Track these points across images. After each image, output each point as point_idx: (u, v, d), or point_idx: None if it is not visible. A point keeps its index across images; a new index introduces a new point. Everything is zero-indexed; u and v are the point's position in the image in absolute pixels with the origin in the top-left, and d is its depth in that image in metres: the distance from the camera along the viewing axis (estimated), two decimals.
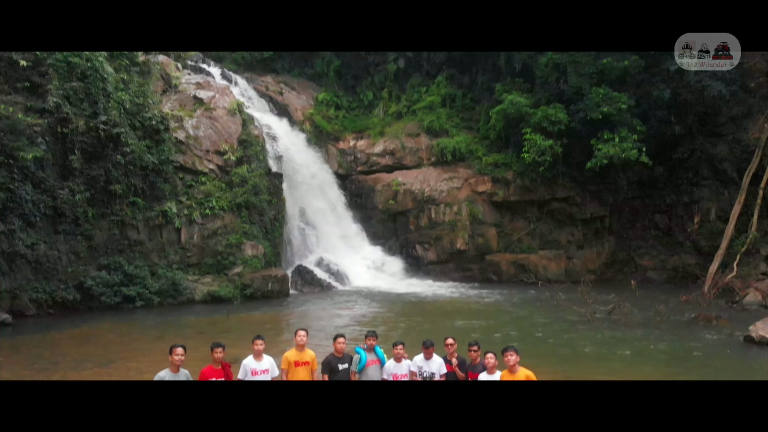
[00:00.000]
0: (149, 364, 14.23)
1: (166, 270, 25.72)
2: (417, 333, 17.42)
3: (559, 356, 15.18)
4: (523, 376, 7.04)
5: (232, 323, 20.74)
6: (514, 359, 7.09)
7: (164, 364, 14.44)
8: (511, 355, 7.09)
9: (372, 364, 8.37)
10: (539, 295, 25.12)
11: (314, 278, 29.44)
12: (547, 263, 32.69)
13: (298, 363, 8.08)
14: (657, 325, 19.32)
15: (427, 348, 8.22)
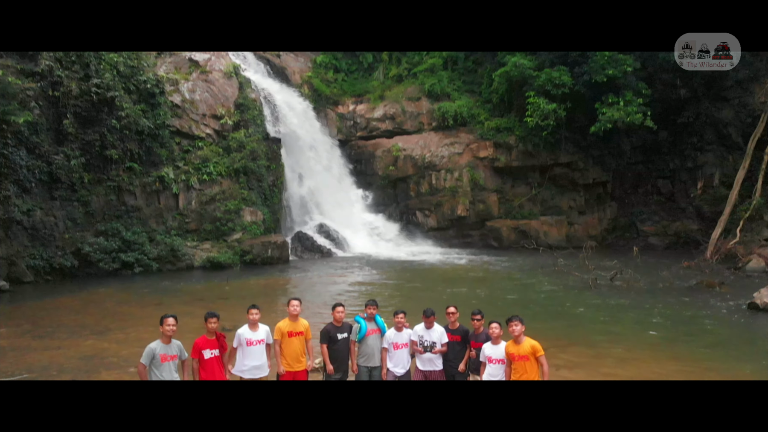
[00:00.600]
0: (147, 331, 14.07)
1: (165, 236, 25.51)
2: (417, 301, 17.23)
3: (561, 324, 15.02)
4: (528, 346, 6.85)
5: (231, 289, 20.60)
6: (519, 329, 6.87)
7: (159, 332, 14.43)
8: (516, 325, 6.87)
9: (372, 334, 8.15)
10: (540, 261, 24.97)
11: (314, 244, 29.24)
12: (548, 229, 32.44)
13: (292, 333, 7.82)
14: (660, 291, 19.17)
15: (428, 317, 8.00)
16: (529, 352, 6.82)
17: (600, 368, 11.13)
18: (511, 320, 6.92)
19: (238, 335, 7.65)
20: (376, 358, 8.14)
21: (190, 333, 13.73)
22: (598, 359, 11.77)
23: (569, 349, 12.12)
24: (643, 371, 10.94)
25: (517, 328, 6.82)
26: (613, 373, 10.79)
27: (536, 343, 6.87)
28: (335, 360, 7.96)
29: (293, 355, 7.78)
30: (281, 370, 7.72)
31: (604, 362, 11.58)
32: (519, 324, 6.87)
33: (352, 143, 35.33)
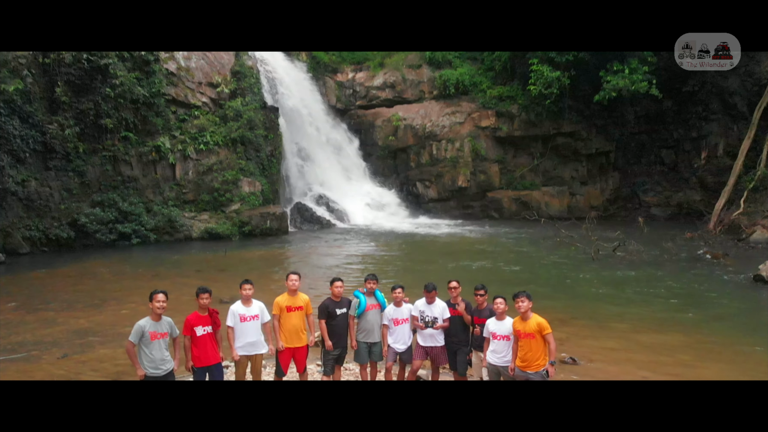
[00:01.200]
0: (143, 303, 13.75)
1: (162, 207, 25.22)
2: (418, 274, 16.99)
3: (564, 296, 14.79)
4: (535, 324, 6.57)
5: (229, 261, 20.36)
6: (526, 305, 6.57)
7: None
8: (522, 302, 6.58)
9: (372, 309, 7.86)
10: (542, 232, 24.69)
11: (313, 216, 28.94)
12: (550, 200, 32.13)
13: (291, 308, 7.50)
14: (663, 262, 18.91)
15: (429, 292, 7.68)
16: (535, 329, 6.55)
17: (605, 342, 10.93)
18: (517, 296, 6.63)
19: (232, 311, 7.29)
20: (376, 334, 7.89)
21: (186, 306, 13.52)
22: (602, 333, 11.55)
23: (573, 323, 11.89)
24: (648, 346, 10.72)
25: (523, 304, 6.54)
26: (618, 348, 10.58)
27: (543, 321, 6.59)
28: (334, 335, 7.70)
29: (293, 331, 7.51)
30: (280, 345, 7.46)
31: (609, 335, 11.37)
32: (526, 300, 6.58)
33: (351, 113, 34.74)
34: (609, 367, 9.52)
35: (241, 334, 7.25)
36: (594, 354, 10.13)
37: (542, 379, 6.45)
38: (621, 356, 10.09)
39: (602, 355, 10.13)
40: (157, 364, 6.43)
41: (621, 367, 9.50)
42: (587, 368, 9.44)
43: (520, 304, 6.56)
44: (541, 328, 6.51)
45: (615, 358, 9.97)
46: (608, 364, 9.67)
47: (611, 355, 10.16)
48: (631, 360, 9.90)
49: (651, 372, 9.26)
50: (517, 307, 6.60)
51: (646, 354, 10.22)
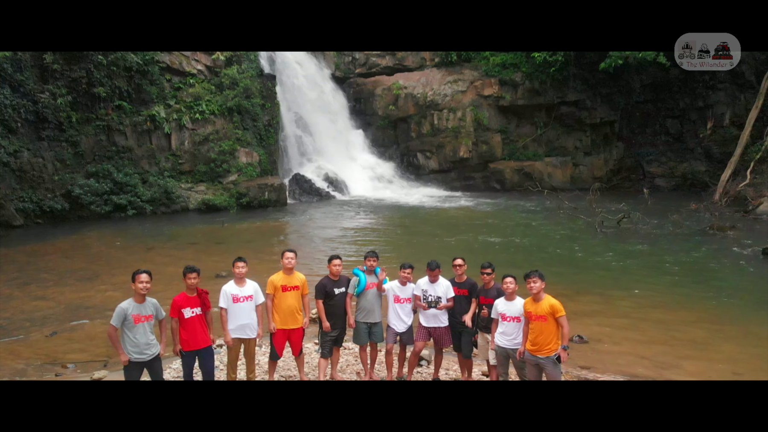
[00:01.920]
0: None
1: (158, 177, 24.77)
2: (419, 249, 16.61)
3: (569, 270, 14.41)
4: (548, 305, 6.15)
5: (227, 233, 19.99)
6: (538, 286, 6.07)
7: (155, 277, 13.77)
8: (534, 282, 6.06)
9: (372, 288, 7.44)
10: (545, 204, 24.26)
11: (312, 187, 28.46)
12: (553, 170, 31.62)
13: (286, 288, 7.03)
14: (669, 235, 18.52)
15: (432, 270, 7.26)
16: (547, 311, 6.13)
17: (613, 318, 10.58)
18: (529, 276, 6.20)
19: (224, 292, 6.83)
20: (376, 314, 7.49)
21: (180, 282, 13.18)
22: (610, 309, 11.18)
23: (578, 299, 11.53)
24: (658, 323, 10.38)
25: (535, 285, 6.12)
26: (627, 325, 10.23)
27: (557, 303, 6.17)
28: (332, 316, 7.28)
29: (288, 311, 7.05)
30: (272, 327, 7.05)
31: (617, 311, 11.00)
32: (538, 280, 6.14)
33: (350, 81, 33.95)
34: (618, 346, 9.18)
35: (234, 315, 6.81)
36: (602, 331, 9.80)
37: (553, 364, 6.07)
38: (630, 334, 9.74)
39: (611, 332, 9.79)
40: (141, 349, 5.99)
41: (630, 347, 9.17)
42: (596, 347, 9.11)
43: (532, 285, 6.14)
44: (554, 310, 6.10)
45: (624, 336, 9.63)
46: (617, 343, 9.33)
47: (620, 332, 9.81)
48: (640, 338, 9.56)
49: (662, 351, 8.94)
50: (528, 287, 6.18)
51: (655, 331, 9.88)
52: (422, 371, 7.98)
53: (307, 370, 7.74)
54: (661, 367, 8.36)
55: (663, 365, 8.41)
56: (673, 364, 8.47)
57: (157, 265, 14.72)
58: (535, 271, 6.23)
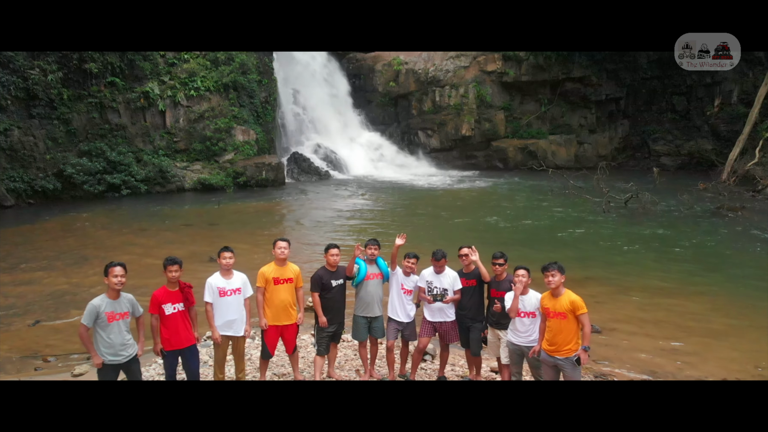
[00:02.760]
0: (128, 264, 12.90)
1: (152, 156, 24.15)
2: (421, 231, 15.98)
3: (575, 254, 13.85)
4: (567, 301, 5.53)
5: (222, 214, 19.42)
6: (557, 280, 5.46)
7: (142, 262, 13.36)
8: (553, 275, 5.46)
9: (372, 279, 6.80)
10: (549, 183, 23.65)
11: (311, 166, 27.83)
12: (557, 149, 30.97)
13: (279, 280, 6.41)
14: (679, 216, 17.96)
15: (438, 260, 6.62)
16: (567, 308, 5.52)
17: (626, 306, 10.03)
18: (548, 268, 5.52)
19: (210, 285, 6.18)
20: (376, 307, 6.85)
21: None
22: (622, 296, 10.58)
23: (588, 285, 10.97)
24: (673, 311, 9.86)
25: (554, 279, 5.51)
26: (641, 313, 9.72)
27: (578, 299, 5.55)
28: (329, 310, 6.67)
29: (280, 306, 6.42)
30: (263, 323, 6.46)
31: (630, 299, 10.44)
32: (557, 273, 5.48)
33: (349, 56, 33.06)
34: (633, 337, 8.64)
35: (221, 311, 6.19)
36: (615, 320, 9.27)
37: (573, 366, 5.52)
38: (645, 324, 9.21)
39: (625, 321, 9.26)
40: (116, 350, 5.41)
41: (646, 338, 8.65)
42: (611, 338, 8.58)
43: (551, 279, 5.53)
44: (575, 307, 5.50)
45: (638, 326, 9.11)
46: (632, 333, 8.80)
47: (634, 322, 9.28)
48: (656, 328, 9.05)
49: (679, 343, 8.44)
50: (546, 281, 5.59)
51: (671, 321, 9.37)
52: (426, 367, 7.47)
53: (302, 367, 7.20)
54: (680, 359, 7.87)
55: (682, 358, 7.91)
56: (692, 356, 7.97)
57: (148, 248, 14.22)
58: (553, 264, 5.62)
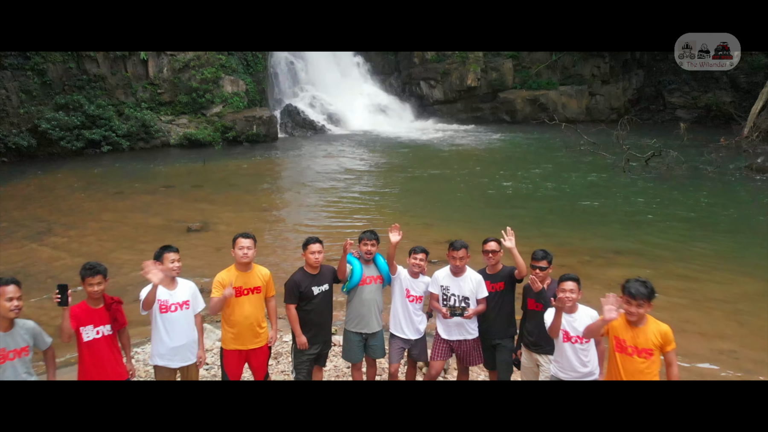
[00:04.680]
0: (93, 232, 11.60)
1: (135, 110, 22.53)
2: (423, 199, 14.34)
3: (602, 226, 12.29)
4: (657, 334, 3.81)
5: (208, 174, 17.92)
6: (643, 312, 3.76)
7: (113, 232, 11.93)
8: (639, 305, 3.74)
9: (370, 283, 5.18)
10: (561, 138, 22.00)
11: (305, 120, 26.13)
12: (567, 101, 29.26)
13: (242, 290, 4.80)
14: (707, 178, 16.41)
15: (457, 246, 5.00)
16: (656, 342, 3.82)
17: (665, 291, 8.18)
18: (632, 292, 3.77)
19: (143, 298, 4.45)
20: (374, 321, 5.22)
21: (150, 235, 11.34)
22: (660, 278, 8.66)
23: (620, 261, 9.56)
24: (717, 295, 8.44)
25: (640, 309, 3.76)
26: (685, 302, 8.19)
27: (667, 329, 3.87)
28: (311, 326, 5.04)
29: (245, 325, 4.83)
30: (224, 347, 4.93)
31: (669, 281, 8.79)
32: (644, 303, 3.77)
33: None
34: (684, 333, 6.95)
35: (161, 333, 4.61)
36: (658, 307, 7.73)
37: None
38: (691, 312, 7.75)
39: (669, 309, 7.74)
40: None
41: (697, 333, 7.19)
42: None
43: (636, 309, 3.78)
44: (666, 341, 3.85)
45: (685, 316, 7.64)
46: (682, 328, 7.08)
47: (680, 311, 7.77)
48: (705, 318, 7.61)
49: (737, 338, 7.09)
50: (628, 313, 3.84)
51: (721, 308, 7.95)
52: None
53: None
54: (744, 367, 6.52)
55: (746, 365, 6.55)
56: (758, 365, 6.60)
57: (121, 215, 12.86)
58: (639, 281, 3.83)
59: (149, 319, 4.66)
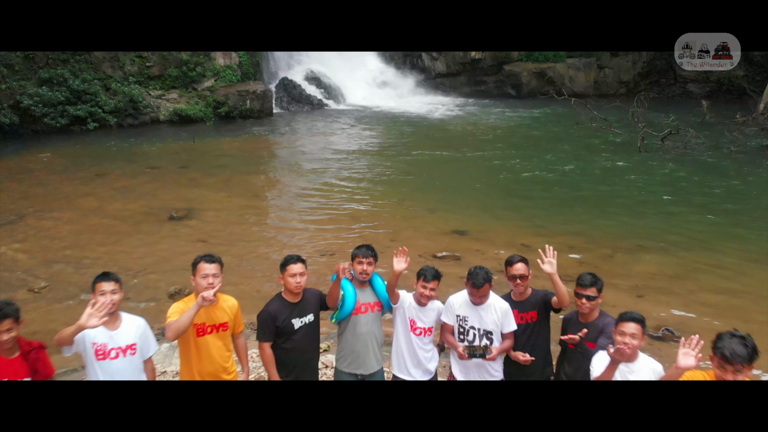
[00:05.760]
0: (65, 223, 10.67)
1: (122, 84, 21.46)
2: (426, 185, 13.30)
3: (617, 216, 11.28)
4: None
5: (197, 153, 16.94)
6: (737, 377, 2.84)
7: (93, 219, 11.00)
8: (735, 370, 2.83)
9: (366, 311, 4.22)
10: (570, 113, 20.91)
11: (302, 94, 25.01)
12: (575, 74, 28.12)
13: (205, 328, 3.82)
14: (731, 158, 15.40)
15: (480, 286, 3.92)
16: None
17: (701, 293, 7.43)
18: (728, 354, 2.84)
19: (80, 340, 3.50)
20: (372, 358, 4.27)
21: (129, 224, 10.43)
22: (689, 275, 7.98)
23: (644, 258, 8.64)
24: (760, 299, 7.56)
25: (737, 375, 2.83)
26: (722, 306, 7.20)
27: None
28: (291, 367, 4.12)
29: (209, 371, 3.90)
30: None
31: (702, 280, 7.90)
32: (743, 364, 2.83)
33: None
34: None
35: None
36: (694, 314, 6.87)
37: None
38: (735, 322, 6.82)
39: (707, 316, 6.90)
40: None
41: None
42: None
43: (732, 377, 2.83)
44: None
45: (727, 326, 6.70)
46: None
47: (721, 319, 6.81)
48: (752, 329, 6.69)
49: None
50: (719, 373, 2.91)
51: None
52: None
53: None
54: None
55: None
56: None
57: (100, 201, 11.97)
58: (737, 342, 2.87)
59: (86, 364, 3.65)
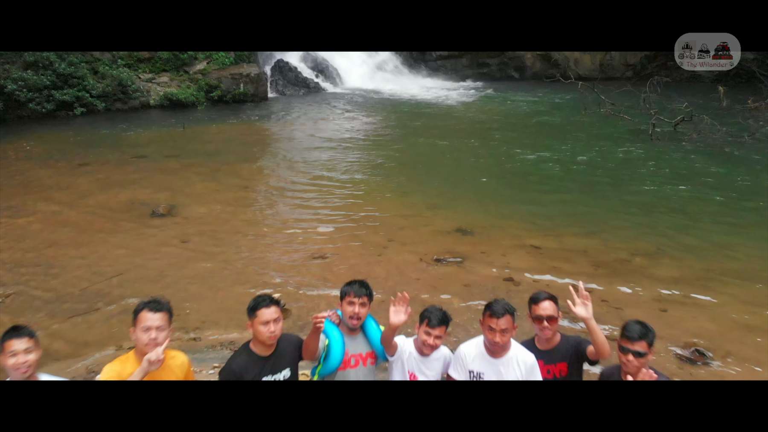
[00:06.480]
0: (47, 217, 9.96)
1: (111, 67, 20.63)
2: (428, 179, 12.49)
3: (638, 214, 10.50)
4: None
5: (186, 141, 16.14)
6: None
7: (68, 215, 10.21)
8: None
9: (356, 365, 3.54)
10: (577, 98, 20.09)
11: (298, 77, 24.15)
12: (580, 56, 27.26)
13: None
14: (747, 147, 14.62)
15: (499, 317, 3.26)
16: None
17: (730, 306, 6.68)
18: None
19: None
20: None
21: (107, 221, 9.71)
22: (715, 286, 7.23)
23: (663, 264, 7.87)
24: None
25: None
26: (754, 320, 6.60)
27: None
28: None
29: None
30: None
31: (730, 291, 7.13)
32: None
33: None
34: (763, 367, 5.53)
35: None
36: (723, 332, 6.04)
37: None
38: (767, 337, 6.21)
39: (737, 331, 6.13)
40: None
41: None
42: (729, 373, 5.45)
43: None
44: None
45: (760, 344, 5.95)
46: (760, 361, 5.62)
47: (752, 335, 6.08)
48: None
49: None
50: None
51: None
52: None
53: None
54: None
55: None
56: None
57: (76, 197, 11.15)
58: None
59: None
